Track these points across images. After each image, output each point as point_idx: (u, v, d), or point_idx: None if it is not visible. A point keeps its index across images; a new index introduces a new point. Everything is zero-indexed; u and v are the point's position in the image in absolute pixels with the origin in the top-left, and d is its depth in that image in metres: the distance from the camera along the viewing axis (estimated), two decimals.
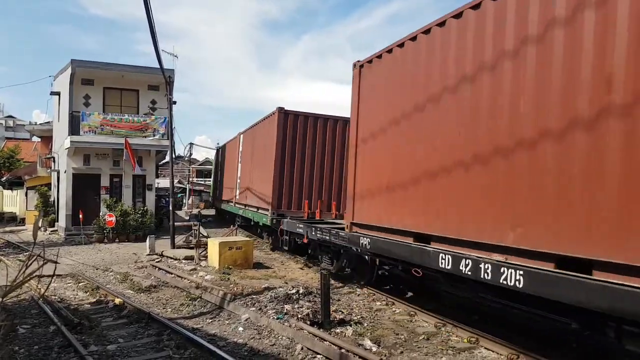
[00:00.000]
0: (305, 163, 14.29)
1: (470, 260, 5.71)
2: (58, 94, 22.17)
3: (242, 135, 19.80)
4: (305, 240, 11.26)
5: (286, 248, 13.62)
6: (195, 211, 33.22)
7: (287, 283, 10.12)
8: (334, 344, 6.19)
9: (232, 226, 19.92)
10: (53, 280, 10.49)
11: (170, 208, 16.17)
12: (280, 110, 14.17)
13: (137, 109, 20.74)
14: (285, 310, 7.60)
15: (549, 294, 4.73)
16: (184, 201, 40.39)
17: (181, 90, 56.93)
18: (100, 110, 19.70)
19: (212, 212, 33.18)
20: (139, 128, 19.64)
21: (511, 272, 5.10)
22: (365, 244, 8.20)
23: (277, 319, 7.30)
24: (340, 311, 7.79)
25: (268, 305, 8.00)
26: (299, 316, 7.25)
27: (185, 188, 41.99)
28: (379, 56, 8.38)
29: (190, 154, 41.36)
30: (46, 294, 8.82)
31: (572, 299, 4.50)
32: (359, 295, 9.38)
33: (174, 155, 19.29)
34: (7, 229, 23.55)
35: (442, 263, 6.20)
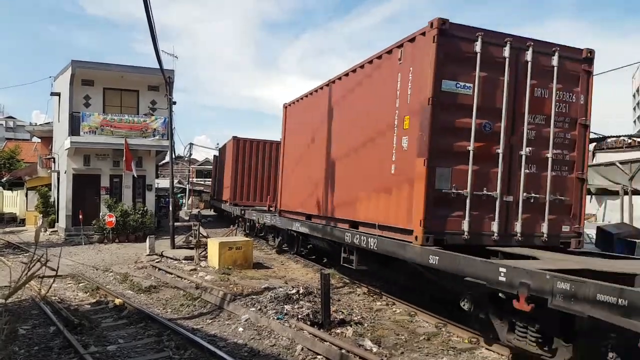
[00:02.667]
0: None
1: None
2: (58, 94, 22.17)
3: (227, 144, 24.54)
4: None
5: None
6: (195, 211, 33.23)
7: (287, 283, 10.11)
8: (334, 345, 6.19)
9: (231, 226, 19.94)
10: (54, 281, 10.48)
11: (170, 208, 16.16)
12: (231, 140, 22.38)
13: (137, 109, 20.75)
14: (285, 311, 7.59)
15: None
16: (184, 201, 40.39)
17: (181, 90, 57.21)
18: (100, 111, 19.70)
19: (211, 212, 33.17)
20: (139, 128, 19.63)
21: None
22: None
23: (277, 319, 7.28)
24: (340, 311, 7.79)
25: (268, 306, 7.98)
26: (299, 316, 7.24)
27: (185, 188, 42.00)
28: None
29: (190, 154, 41.46)
30: (47, 294, 8.81)
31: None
32: (359, 295, 9.38)
33: (173, 156, 19.30)
34: (7, 229, 23.55)
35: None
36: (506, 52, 6.98)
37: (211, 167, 35.65)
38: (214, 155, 32.04)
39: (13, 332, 6.80)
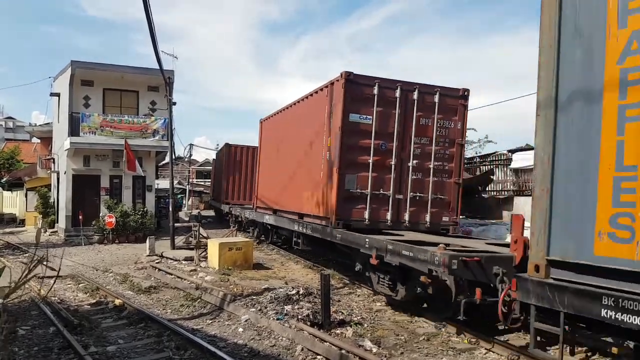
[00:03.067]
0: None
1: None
2: (58, 95, 22.16)
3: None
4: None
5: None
6: (195, 212, 33.23)
7: (287, 284, 10.11)
8: (334, 345, 6.19)
9: (231, 227, 19.94)
10: (55, 282, 10.48)
11: (170, 209, 16.16)
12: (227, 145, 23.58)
13: (137, 110, 20.74)
14: (285, 311, 7.59)
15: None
16: (184, 202, 40.36)
17: (181, 91, 57.06)
18: (100, 112, 19.69)
19: (212, 213, 33.15)
20: (139, 129, 19.63)
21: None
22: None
23: (277, 319, 7.29)
24: (340, 312, 7.79)
25: (268, 306, 7.98)
26: (299, 317, 7.24)
27: (185, 189, 41.98)
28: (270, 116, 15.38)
29: (190, 155, 41.41)
30: (47, 295, 8.80)
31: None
32: (359, 295, 9.39)
33: (173, 156, 19.29)
34: (7, 230, 23.54)
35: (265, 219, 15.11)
36: (397, 93, 9.73)
37: (211, 167, 35.74)
38: (213, 159, 32.52)
39: (12, 332, 6.80)
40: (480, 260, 6.18)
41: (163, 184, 29.43)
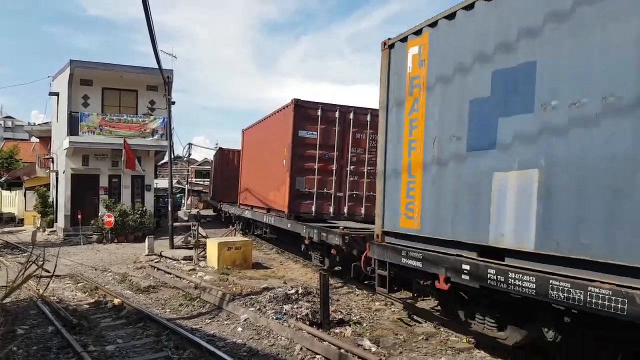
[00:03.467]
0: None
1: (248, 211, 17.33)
2: (57, 94, 22.13)
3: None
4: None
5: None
6: (194, 211, 33.20)
7: (286, 283, 10.11)
8: (333, 344, 6.19)
9: (231, 226, 19.93)
10: (52, 281, 10.48)
11: (169, 208, 16.15)
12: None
13: (136, 109, 20.71)
14: (284, 311, 7.60)
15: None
16: (183, 201, 40.31)
17: (180, 90, 57.10)
18: (99, 111, 19.66)
19: (211, 212, 33.13)
20: (138, 128, 19.61)
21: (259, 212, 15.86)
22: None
23: (276, 319, 7.29)
24: (339, 311, 7.79)
25: (267, 306, 7.99)
26: (298, 316, 7.24)
27: (184, 188, 41.93)
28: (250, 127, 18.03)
29: (189, 155, 41.30)
30: (45, 294, 8.80)
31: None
32: (358, 295, 9.39)
33: (172, 156, 19.27)
34: (6, 229, 23.50)
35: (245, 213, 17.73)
36: (337, 114, 12.29)
37: (210, 167, 35.74)
38: (211, 159, 33.19)
39: (11, 331, 6.79)
40: (363, 237, 8.99)
41: (162, 183, 29.42)
